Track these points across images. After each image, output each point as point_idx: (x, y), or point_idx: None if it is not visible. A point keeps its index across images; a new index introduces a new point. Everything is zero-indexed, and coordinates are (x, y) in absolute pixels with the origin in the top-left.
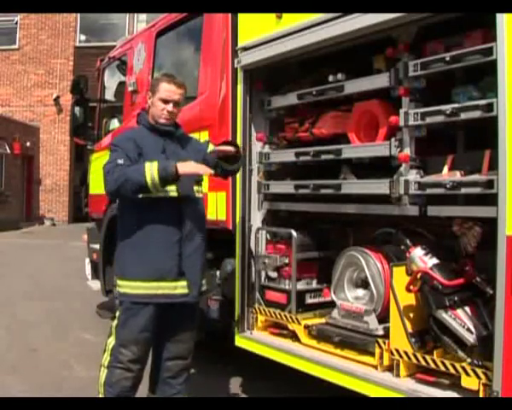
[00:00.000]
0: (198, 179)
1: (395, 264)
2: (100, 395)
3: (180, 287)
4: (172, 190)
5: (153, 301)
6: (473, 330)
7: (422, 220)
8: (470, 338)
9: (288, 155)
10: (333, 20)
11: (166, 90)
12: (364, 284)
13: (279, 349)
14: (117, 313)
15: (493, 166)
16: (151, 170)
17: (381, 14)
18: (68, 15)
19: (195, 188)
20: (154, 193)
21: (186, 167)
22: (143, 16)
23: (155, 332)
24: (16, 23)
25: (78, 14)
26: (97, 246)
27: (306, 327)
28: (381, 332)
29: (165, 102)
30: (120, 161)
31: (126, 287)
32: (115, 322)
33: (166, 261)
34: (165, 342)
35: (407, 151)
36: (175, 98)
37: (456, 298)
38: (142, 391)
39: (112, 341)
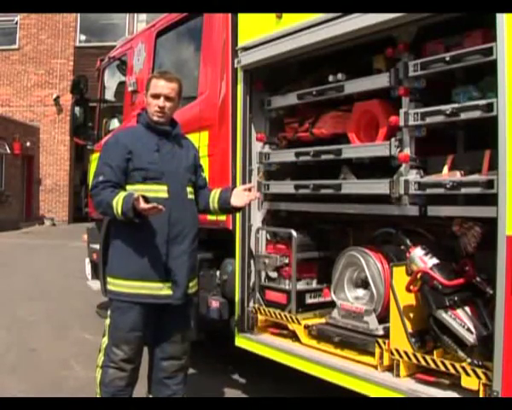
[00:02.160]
0: (191, 180)
1: (395, 264)
2: (97, 395)
3: (166, 288)
4: (163, 191)
5: (138, 300)
6: (473, 330)
7: (422, 220)
8: (470, 338)
9: (287, 155)
10: (333, 20)
11: (156, 85)
12: (364, 284)
13: (279, 349)
14: (108, 312)
15: (493, 166)
16: (117, 206)
17: (381, 14)
18: (68, 15)
19: (188, 189)
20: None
21: (144, 206)
22: (143, 16)
23: (149, 332)
24: (16, 23)
25: (78, 14)
26: (97, 246)
27: (306, 327)
28: (381, 332)
29: (156, 97)
30: (101, 178)
31: (112, 284)
32: (108, 321)
33: (151, 262)
34: (159, 342)
35: (407, 151)
36: (165, 92)
37: (456, 298)
38: (142, 392)
39: (105, 340)
